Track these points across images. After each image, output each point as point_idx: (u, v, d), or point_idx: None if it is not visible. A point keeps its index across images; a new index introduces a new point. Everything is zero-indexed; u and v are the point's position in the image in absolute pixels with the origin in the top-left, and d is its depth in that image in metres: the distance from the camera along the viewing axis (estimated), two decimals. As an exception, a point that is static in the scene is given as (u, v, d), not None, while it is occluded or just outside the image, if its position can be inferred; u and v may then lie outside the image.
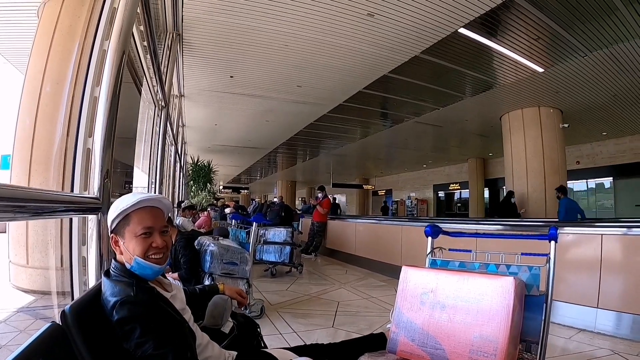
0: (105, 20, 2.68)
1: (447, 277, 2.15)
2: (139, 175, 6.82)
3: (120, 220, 1.59)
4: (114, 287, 1.52)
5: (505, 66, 8.74)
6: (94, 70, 2.57)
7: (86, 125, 2.45)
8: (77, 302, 1.47)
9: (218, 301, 2.11)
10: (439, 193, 27.49)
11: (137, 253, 1.57)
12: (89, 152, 2.43)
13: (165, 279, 1.84)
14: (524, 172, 11.76)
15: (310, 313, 5.15)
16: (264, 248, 7.78)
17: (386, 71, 8.97)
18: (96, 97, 2.49)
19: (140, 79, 5.69)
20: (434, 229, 2.61)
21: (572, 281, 4.72)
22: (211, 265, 4.46)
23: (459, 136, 16.75)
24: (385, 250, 8.26)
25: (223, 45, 7.75)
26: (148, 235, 1.59)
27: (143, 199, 1.60)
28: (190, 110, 12.45)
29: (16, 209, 1.32)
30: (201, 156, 17.95)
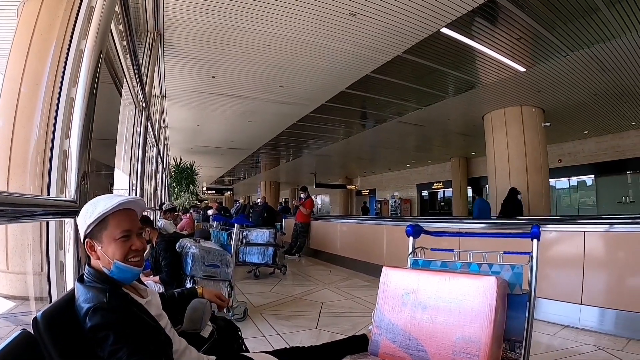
0: (83, 19, 2.65)
1: (428, 277, 2.14)
2: (120, 176, 6.74)
3: (97, 224, 1.55)
4: (87, 293, 1.48)
5: (487, 66, 8.81)
6: (70, 70, 2.53)
7: (62, 127, 2.41)
8: (49, 309, 1.43)
9: (196, 305, 2.08)
10: (423, 192, 27.66)
11: (117, 257, 1.54)
12: (65, 154, 2.39)
13: (140, 284, 1.80)
14: (506, 172, 11.87)
15: (294, 314, 5.13)
16: (247, 249, 7.74)
17: (368, 71, 8.97)
18: (73, 98, 2.45)
19: (121, 79, 5.61)
20: (415, 228, 2.60)
21: (555, 278, 4.77)
22: (193, 267, 4.42)
23: (441, 135, 16.87)
24: (369, 250, 8.27)
25: (204, 45, 7.69)
26: (127, 239, 1.57)
27: (123, 202, 1.57)
28: (172, 111, 12.32)
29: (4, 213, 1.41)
30: (184, 157, 17.80)
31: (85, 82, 2.41)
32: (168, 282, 4.28)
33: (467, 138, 16.55)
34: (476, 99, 11.12)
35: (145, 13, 6.26)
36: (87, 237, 1.57)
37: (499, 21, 6.88)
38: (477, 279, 2.00)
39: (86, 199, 2.33)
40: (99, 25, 2.55)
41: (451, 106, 11.81)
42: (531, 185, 11.41)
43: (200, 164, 18.79)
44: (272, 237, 7.80)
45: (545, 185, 11.94)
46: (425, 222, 8.15)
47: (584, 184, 17.63)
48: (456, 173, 22.05)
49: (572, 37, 7.29)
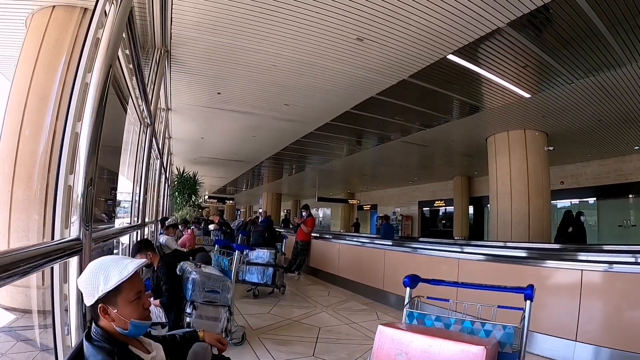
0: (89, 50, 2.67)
1: (420, 339, 2.13)
2: (124, 182, 6.81)
3: (111, 290, 1.59)
4: (97, 356, 1.52)
5: (492, 91, 8.86)
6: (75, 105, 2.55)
7: (67, 162, 2.43)
8: None
9: (198, 350, 2.10)
10: (424, 209, 27.61)
11: (135, 317, 1.62)
12: (69, 190, 2.41)
13: (145, 338, 1.83)
14: (508, 194, 11.87)
15: (291, 340, 5.11)
16: (247, 269, 7.74)
17: (373, 93, 9.04)
18: (77, 133, 2.48)
19: (126, 97, 5.68)
20: (413, 279, 2.61)
21: (551, 312, 4.75)
22: (193, 293, 4.42)
23: (444, 155, 16.90)
24: (368, 273, 8.26)
25: (211, 63, 7.75)
26: (140, 299, 1.66)
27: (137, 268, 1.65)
28: (177, 123, 12.40)
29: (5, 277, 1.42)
30: (187, 167, 17.86)
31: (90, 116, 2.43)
32: (168, 306, 4.29)
33: (470, 158, 16.58)
34: (480, 121, 11.15)
35: (153, 29, 6.32)
36: (100, 301, 1.60)
37: (505, 49, 6.91)
38: (467, 346, 1.99)
39: (90, 235, 2.37)
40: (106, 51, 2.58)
41: (455, 128, 11.87)
42: (532, 209, 11.41)
43: (203, 174, 18.87)
44: (272, 258, 7.81)
45: (547, 209, 11.93)
46: (425, 245, 8.25)
47: (586, 206, 17.54)
48: (458, 191, 22.03)
49: (577, 65, 7.34)
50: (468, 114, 10.54)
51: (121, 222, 7.06)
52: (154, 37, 6.55)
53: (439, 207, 26.19)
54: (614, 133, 12.04)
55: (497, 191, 12.30)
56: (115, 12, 2.78)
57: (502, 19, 5.86)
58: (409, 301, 2.57)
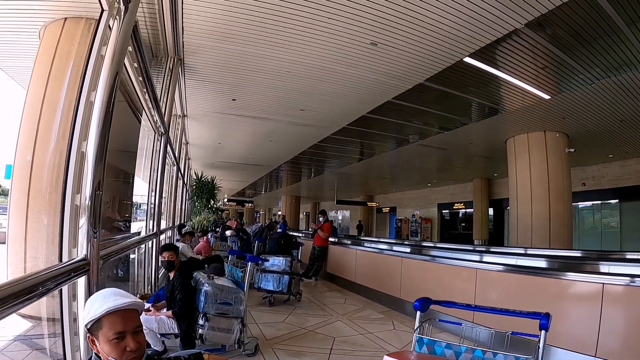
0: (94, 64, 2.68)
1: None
2: (140, 184, 6.85)
3: (93, 323, 1.58)
4: None
5: (511, 93, 8.72)
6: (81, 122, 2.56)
7: (74, 183, 2.43)
8: None
9: None
10: (444, 212, 27.34)
11: (113, 356, 1.56)
12: (77, 209, 2.41)
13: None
14: (528, 198, 11.66)
15: (304, 350, 5.04)
16: (263, 276, 7.69)
17: (390, 97, 8.96)
18: (83, 152, 2.48)
19: (140, 109, 5.71)
20: (424, 302, 2.50)
21: (570, 326, 4.58)
22: (205, 305, 4.40)
23: (463, 158, 16.74)
24: (385, 281, 8.14)
25: (225, 70, 7.78)
26: (121, 339, 1.58)
27: (110, 309, 1.58)
28: (194, 129, 12.50)
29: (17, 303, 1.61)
30: (205, 172, 17.95)
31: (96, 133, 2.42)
32: (180, 316, 4.29)
33: (489, 160, 16.38)
34: (499, 124, 11.00)
35: (164, 39, 6.36)
36: (88, 331, 1.61)
37: (523, 50, 6.79)
38: None
39: (97, 253, 2.37)
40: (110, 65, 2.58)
41: (474, 130, 11.71)
42: (553, 213, 11.18)
43: (221, 178, 18.94)
44: (288, 265, 7.73)
45: (568, 213, 11.67)
46: (442, 252, 8.11)
47: (608, 207, 17.22)
48: (478, 194, 21.78)
49: (596, 64, 7.16)
50: (487, 117, 10.40)
51: (139, 227, 7.08)
52: (166, 46, 6.59)
53: (459, 210, 25.91)
54: (636, 133, 11.74)
55: (517, 195, 12.09)
56: (118, 27, 2.78)
57: (520, 20, 5.74)
58: (419, 326, 2.47)
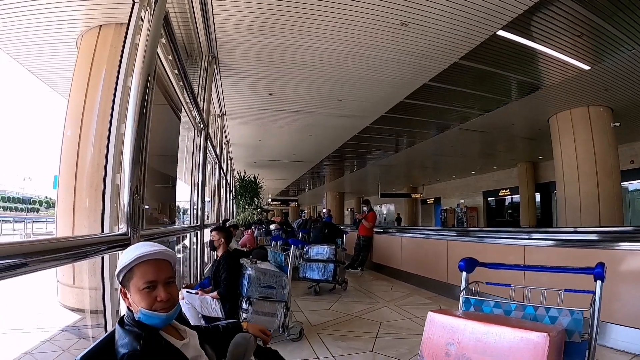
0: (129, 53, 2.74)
1: (474, 326, 1.94)
2: (182, 187, 6.98)
3: (125, 274, 1.60)
4: (124, 338, 1.53)
5: (549, 66, 8.39)
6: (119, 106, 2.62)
7: (114, 162, 2.50)
8: (88, 352, 1.50)
9: (239, 340, 2.06)
10: (489, 199, 26.63)
11: (143, 306, 1.57)
12: (118, 189, 2.48)
13: (180, 324, 1.81)
14: (575, 177, 11.21)
15: (350, 335, 5.04)
16: (307, 265, 7.74)
17: (426, 80, 8.80)
18: (122, 134, 2.54)
19: (178, 105, 5.82)
20: (469, 262, 2.42)
21: (627, 301, 4.36)
22: (249, 289, 4.45)
23: (506, 140, 16.21)
24: (431, 266, 8.05)
25: (258, 64, 7.86)
26: (151, 289, 1.58)
27: (141, 255, 1.58)
28: (233, 128, 12.66)
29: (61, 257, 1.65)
30: (248, 171, 18.22)
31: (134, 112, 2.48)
32: (225, 296, 4.35)
33: (533, 142, 15.78)
34: (540, 101, 10.59)
35: (198, 38, 6.47)
36: (120, 284, 1.62)
37: (557, 18, 6.51)
38: (526, 332, 1.78)
39: (138, 232, 2.43)
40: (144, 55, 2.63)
41: (515, 110, 11.34)
42: (602, 191, 10.71)
43: (264, 177, 19.13)
44: (333, 254, 7.74)
45: (617, 190, 11.14)
46: (489, 234, 7.92)
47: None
48: (523, 179, 21.04)
49: (636, 28, 6.79)
50: (526, 94, 10.04)
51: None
52: (200, 44, 6.71)
53: (505, 197, 25.15)
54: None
55: (563, 174, 11.64)
56: (150, 17, 2.83)
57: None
58: (466, 287, 2.40)
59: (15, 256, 1.24)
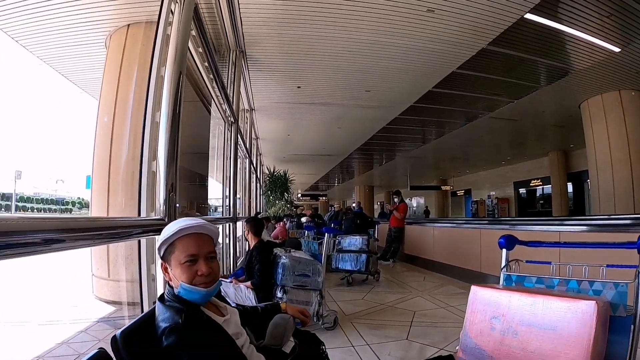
0: (161, 45, 2.78)
1: (520, 298, 1.93)
2: (214, 185, 7.05)
3: (167, 247, 1.61)
4: (165, 313, 1.54)
5: (578, 49, 8.08)
6: (153, 95, 2.66)
7: (150, 149, 2.54)
8: (129, 328, 1.52)
9: (278, 321, 2.08)
10: (520, 190, 26.04)
11: (183, 280, 1.57)
12: (154, 175, 2.51)
13: (220, 301, 1.83)
14: (608, 164, 10.84)
15: (384, 324, 5.04)
16: (340, 256, 7.74)
17: (454, 67, 8.64)
18: (157, 122, 2.57)
19: (208, 98, 5.88)
20: (509, 239, 2.40)
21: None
22: (283, 277, 4.49)
23: (536, 129, 15.71)
24: (464, 256, 7.97)
25: (285, 57, 7.87)
26: (193, 263, 1.59)
27: (183, 228, 1.60)
28: (262, 123, 12.73)
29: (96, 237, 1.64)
30: (277, 166, 18.29)
31: (167, 104, 2.52)
32: (259, 287, 4.39)
33: (564, 130, 15.26)
34: (570, 86, 10.21)
35: (225, 33, 6.52)
36: (161, 258, 1.65)
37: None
38: (574, 302, 1.77)
39: (174, 217, 2.46)
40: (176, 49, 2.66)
41: (544, 97, 10.98)
42: (636, 177, 10.34)
43: (293, 172, 19.16)
44: (365, 244, 7.72)
45: (653, 176, 10.75)
46: (522, 225, 7.78)
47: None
48: (554, 168, 20.36)
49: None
50: (556, 79, 9.71)
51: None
52: (227, 39, 6.77)
53: (536, 187, 24.50)
54: None
55: (596, 162, 11.26)
56: (180, 9, 2.87)
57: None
58: (506, 264, 2.38)
59: (52, 231, 1.25)
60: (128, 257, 3.07)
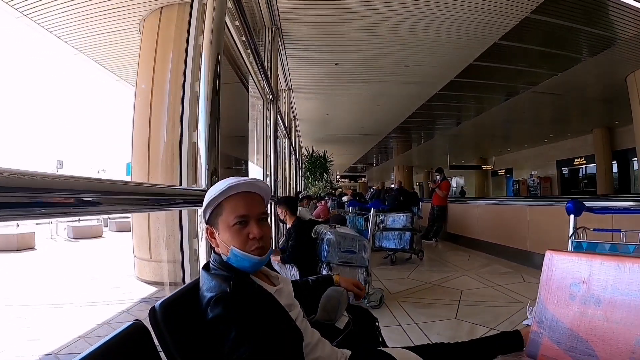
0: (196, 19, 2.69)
1: (603, 263, 1.72)
2: (254, 169, 7.01)
3: (213, 210, 1.47)
4: (211, 282, 1.40)
5: (624, 16, 7.52)
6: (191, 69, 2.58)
7: (189, 121, 2.46)
8: (169, 299, 1.39)
9: (332, 294, 1.96)
10: (563, 169, 25.19)
11: (234, 245, 1.43)
12: (194, 147, 2.44)
13: (272, 270, 1.69)
14: (656, 141, 10.31)
15: (431, 303, 4.91)
16: (383, 235, 7.57)
17: (496, 39, 8.26)
18: (197, 92, 2.50)
19: (246, 76, 5.81)
20: (577, 205, 2.22)
21: None
22: (328, 254, 4.39)
23: (580, 104, 14.97)
24: (511, 234, 7.70)
25: (322, 33, 7.70)
26: (243, 225, 1.44)
27: (233, 185, 1.44)
28: (300, 103, 12.64)
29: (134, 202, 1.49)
30: (316, 147, 18.26)
31: (206, 78, 2.43)
32: (287, 262, 4.37)
33: (610, 105, 14.50)
34: (616, 58, 9.58)
35: (260, 10, 6.42)
36: (207, 223, 1.51)
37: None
38: None
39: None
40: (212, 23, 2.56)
41: (589, 69, 10.38)
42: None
43: (332, 153, 19.09)
44: (409, 221, 7.52)
45: None
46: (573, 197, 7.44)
47: None
48: (599, 146, 19.40)
49: None
50: (601, 50, 9.16)
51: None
52: (262, 17, 6.68)
53: (579, 166, 23.63)
54: None
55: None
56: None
57: None
58: (574, 231, 2.18)
59: (89, 192, 1.14)
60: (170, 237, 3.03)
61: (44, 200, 0.92)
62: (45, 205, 0.92)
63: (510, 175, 30.39)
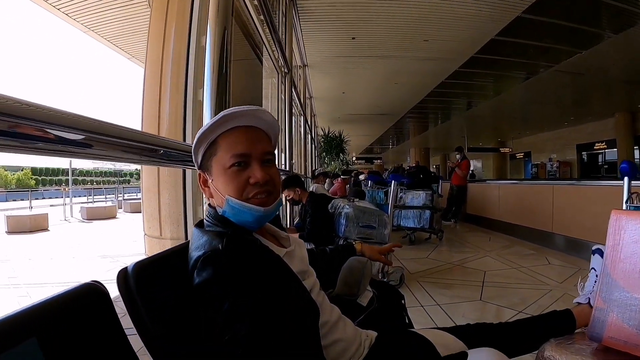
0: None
1: None
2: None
3: (206, 149, 1.15)
4: (201, 238, 1.07)
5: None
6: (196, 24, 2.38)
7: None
8: (148, 260, 1.09)
9: (354, 264, 1.71)
10: (583, 154, 24.69)
11: (230, 192, 1.10)
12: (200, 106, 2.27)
13: (281, 231, 1.33)
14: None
15: (453, 283, 4.68)
16: (402, 213, 7.33)
17: (519, 12, 7.90)
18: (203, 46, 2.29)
19: (260, 46, 5.58)
20: (632, 165, 1.92)
21: None
22: (346, 229, 4.16)
23: (602, 85, 14.42)
24: (533, 215, 7.42)
25: (339, 5, 7.41)
26: (243, 167, 1.11)
27: (228, 114, 1.11)
28: (316, 80, 12.39)
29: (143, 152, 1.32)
30: (332, 127, 18.09)
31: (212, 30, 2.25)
32: (306, 240, 4.11)
33: (633, 87, 14.03)
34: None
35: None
36: (199, 167, 1.19)
37: None
38: None
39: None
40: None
41: (612, 47, 9.89)
42: None
43: (348, 133, 18.90)
44: (429, 200, 7.28)
45: None
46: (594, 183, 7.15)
47: None
48: (621, 130, 19.02)
49: None
50: (627, 27, 8.71)
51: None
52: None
53: (600, 150, 23.10)
54: None
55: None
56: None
57: None
58: (629, 196, 1.88)
59: (78, 131, 0.91)
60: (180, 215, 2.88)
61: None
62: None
63: (529, 158, 29.94)
